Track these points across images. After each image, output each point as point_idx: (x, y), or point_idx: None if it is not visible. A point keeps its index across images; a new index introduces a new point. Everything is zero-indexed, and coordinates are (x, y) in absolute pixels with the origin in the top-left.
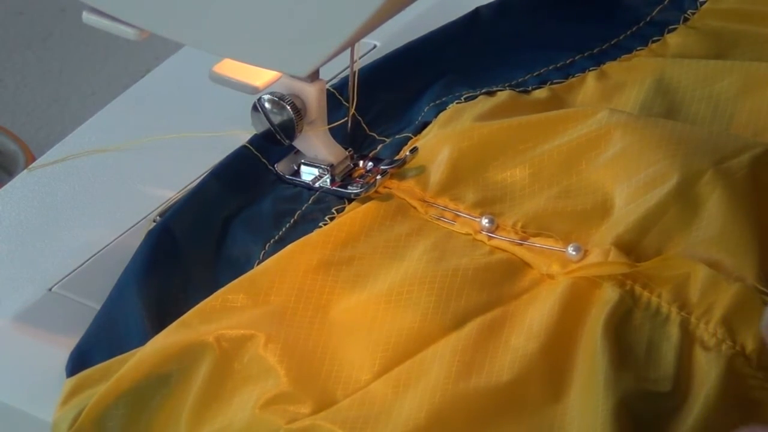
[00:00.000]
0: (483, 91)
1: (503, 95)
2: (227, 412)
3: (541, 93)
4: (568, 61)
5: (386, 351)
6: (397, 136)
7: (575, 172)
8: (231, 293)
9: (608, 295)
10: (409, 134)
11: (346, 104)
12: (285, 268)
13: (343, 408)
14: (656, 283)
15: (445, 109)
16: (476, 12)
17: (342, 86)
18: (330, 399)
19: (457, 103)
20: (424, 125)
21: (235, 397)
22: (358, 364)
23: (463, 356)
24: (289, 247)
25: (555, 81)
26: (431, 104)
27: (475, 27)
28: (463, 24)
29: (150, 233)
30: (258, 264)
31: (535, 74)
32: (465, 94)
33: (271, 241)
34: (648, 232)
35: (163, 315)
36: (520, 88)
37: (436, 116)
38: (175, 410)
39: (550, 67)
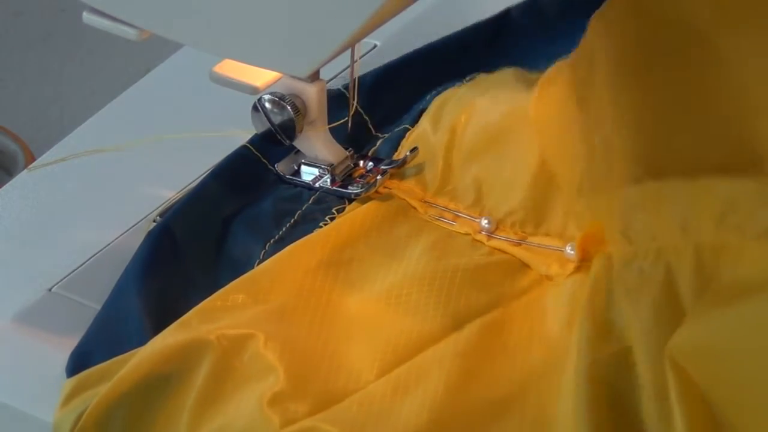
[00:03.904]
0: (485, 70)
1: (505, 72)
2: (227, 411)
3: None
4: None
5: (386, 353)
6: (396, 129)
7: None
8: (231, 293)
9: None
10: (407, 125)
11: (355, 104)
12: (285, 268)
13: (342, 409)
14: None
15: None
16: (506, 13)
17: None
18: (329, 399)
19: (458, 87)
20: (422, 113)
21: (235, 396)
22: (358, 365)
23: (463, 359)
24: (290, 247)
25: None
26: (434, 92)
27: (504, 29)
28: (491, 25)
29: (150, 233)
30: (258, 264)
31: None
32: (467, 78)
33: (272, 241)
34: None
35: (163, 315)
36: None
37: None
38: (177, 410)
39: None
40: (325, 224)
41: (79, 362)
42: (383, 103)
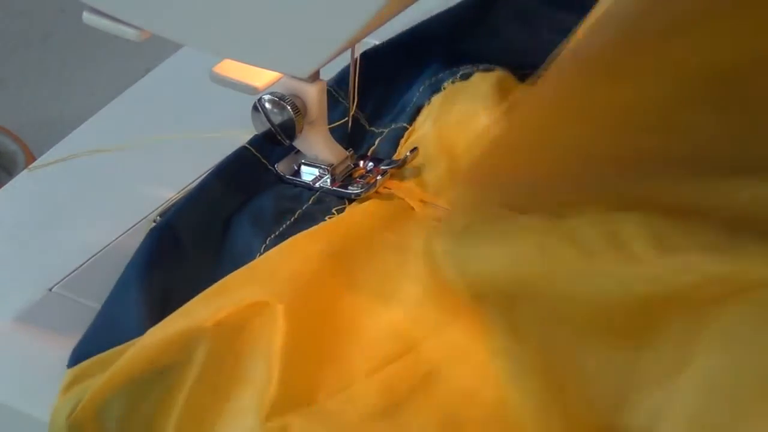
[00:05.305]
0: (481, 67)
1: (501, 75)
2: (222, 410)
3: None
4: None
5: (380, 349)
6: (393, 126)
7: None
8: (232, 281)
9: None
10: (404, 124)
11: (343, 101)
12: (286, 259)
13: (329, 407)
14: None
15: (440, 90)
16: None
17: (339, 81)
18: (319, 395)
19: (452, 81)
20: (419, 110)
21: (231, 393)
22: (347, 365)
23: (460, 354)
24: (291, 239)
25: None
26: (427, 82)
27: (487, 7)
28: (473, 4)
29: (152, 231)
30: (259, 256)
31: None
32: (461, 70)
33: (272, 236)
34: None
35: (164, 309)
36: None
37: (429, 98)
38: (172, 404)
39: None
40: None
41: (80, 356)
42: (371, 94)
